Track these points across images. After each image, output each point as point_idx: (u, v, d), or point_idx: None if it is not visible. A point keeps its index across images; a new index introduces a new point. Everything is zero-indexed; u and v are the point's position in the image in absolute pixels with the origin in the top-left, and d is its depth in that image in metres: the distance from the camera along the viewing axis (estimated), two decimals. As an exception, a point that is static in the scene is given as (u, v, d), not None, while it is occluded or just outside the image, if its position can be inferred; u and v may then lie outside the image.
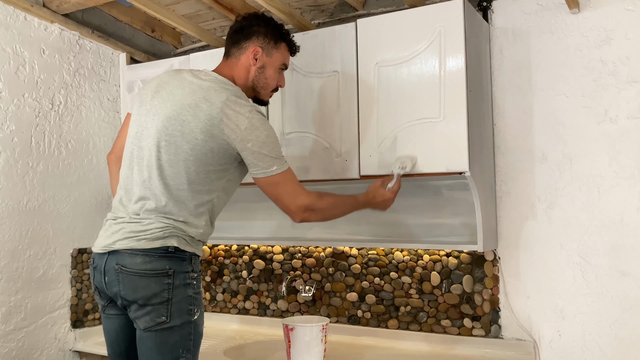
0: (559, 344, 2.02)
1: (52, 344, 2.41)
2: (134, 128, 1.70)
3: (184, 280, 1.59)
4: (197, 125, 1.59)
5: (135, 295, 1.56)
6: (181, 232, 1.60)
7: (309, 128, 2.11)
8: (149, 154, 1.63)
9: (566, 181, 2.01)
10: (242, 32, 1.75)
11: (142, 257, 1.56)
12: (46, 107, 2.40)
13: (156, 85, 1.71)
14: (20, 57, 2.31)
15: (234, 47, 1.76)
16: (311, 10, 2.47)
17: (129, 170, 1.67)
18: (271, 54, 1.77)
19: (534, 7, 2.07)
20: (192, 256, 1.63)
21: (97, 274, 1.65)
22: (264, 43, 1.75)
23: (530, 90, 2.07)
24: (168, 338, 1.56)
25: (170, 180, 1.60)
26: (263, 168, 1.63)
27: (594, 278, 1.97)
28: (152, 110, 1.66)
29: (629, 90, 1.92)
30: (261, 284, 2.61)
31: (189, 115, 1.60)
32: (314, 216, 1.71)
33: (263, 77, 1.77)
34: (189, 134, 1.59)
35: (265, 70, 1.77)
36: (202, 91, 1.63)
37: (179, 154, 1.60)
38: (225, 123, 1.58)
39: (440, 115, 1.86)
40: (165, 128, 1.62)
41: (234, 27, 1.78)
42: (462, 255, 2.17)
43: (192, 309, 1.60)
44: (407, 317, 2.27)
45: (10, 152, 2.26)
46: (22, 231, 2.30)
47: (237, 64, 1.75)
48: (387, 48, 1.96)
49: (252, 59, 1.74)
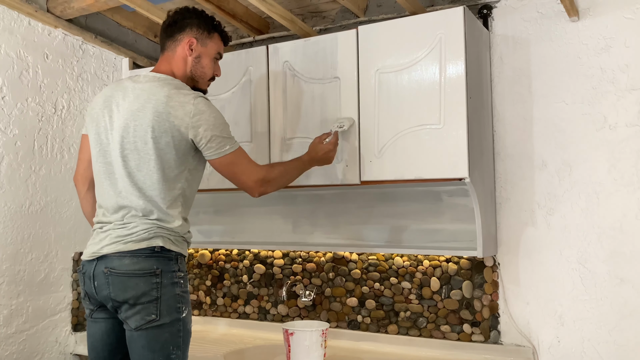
0: (558, 350, 2.02)
1: (52, 347, 2.42)
2: (95, 147, 1.76)
3: (172, 279, 1.65)
4: (149, 124, 1.66)
5: (125, 295, 1.62)
6: (164, 231, 1.68)
7: (310, 133, 2.12)
8: (117, 166, 1.70)
9: (565, 188, 2.02)
10: (176, 25, 1.80)
11: (130, 258, 1.63)
12: (49, 112, 2.42)
13: (102, 102, 1.77)
14: (24, 62, 2.33)
15: (169, 40, 1.81)
16: (313, 16, 2.48)
17: (102, 188, 1.74)
18: (206, 43, 1.82)
19: (534, 14, 2.08)
20: (177, 256, 1.70)
21: (86, 280, 1.70)
22: (197, 34, 1.80)
23: (530, 97, 2.09)
24: (158, 336, 1.62)
25: (142, 183, 1.68)
26: (216, 149, 1.70)
27: (593, 284, 1.98)
28: (107, 126, 1.73)
29: (628, 98, 1.93)
30: (261, 289, 2.62)
31: (139, 119, 1.67)
32: (270, 187, 1.80)
33: (200, 67, 1.81)
34: (145, 135, 1.66)
35: (201, 59, 1.81)
36: (145, 93, 1.70)
37: (142, 157, 1.67)
38: (174, 115, 1.65)
39: (441, 121, 1.87)
40: (123, 138, 1.69)
41: (167, 21, 1.83)
42: (461, 261, 2.18)
43: (181, 307, 1.66)
44: (407, 322, 2.27)
45: (13, 156, 2.28)
46: (24, 234, 2.31)
47: (173, 57, 1.80)
48: (388, 55, 1.98)
49: (188, 50, 1.79)
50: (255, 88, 2.24)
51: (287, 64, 2.18)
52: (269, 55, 2.22)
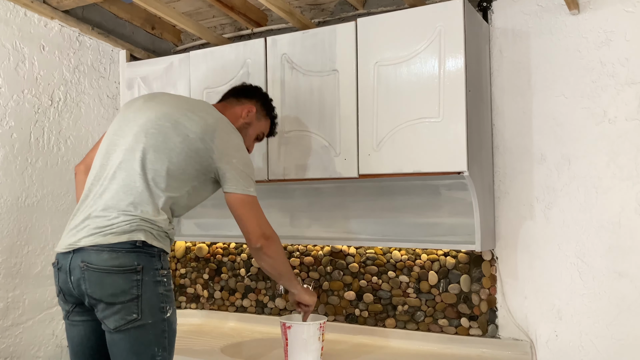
0: (555, 344, 2.02)
1: (49, 340, 2.41)
2: (115, 125, 1.75)
3: (154, 278, 1.57)
4: (192, 126, 1.67)
5: (102, 293, 1.53)
6: (147, 225, 1.59)
7: (308, 126, 2.11)
8: (132, 146, 1.65)
9: (564, 182, 2.02)
10: (247, 91, 1.95)
11: (108, 252, 1.53)
12: (45, 104, 2.40)
13: (146, 96, 1.83)
14: (20, 54, 2.31)
15: (233, 97, 1.93)
16: (311, 9, 2.47)
17: (98, 165, 1.69)
18: (260, 119, 1.93)
19: (534, 7, 2.07)
20: (160, 252, 1.61)
21: (61, 274, 1.60)
22: (258, 108, 1.92)
23: (529, 90, 2.08)
24: (142, 337, 1.54)
25: (150, 178, 1.62)
26: (243, 185, 1.69)
27: (591, 278, 1.97)
28: (140, 111, 1.72)
29: (628, 92, 1.92)
30: (259, 282, 2.61)
31: (186, 117, 1.69)
32: (269, 248, 1.73)
33: (245, 132, 1.88)
34: (183, 130, 1.66)
35: (249, 128, 1.90)
36: (200, 103, 1.79)
37: (167, 143, 1.65)
38: (219, 134, 1.68)
39: (439, 115, 1.86)
40: (158, 119, 1.68)
41: (239, 86, 1.99)
42: (460, 254, 2.17)
43: (165, 307, 1.58)
44: (405, 316, 2.27)
45: (9, 148, 2.26)
46: (21, 227, 2.30)
47: (230, 110, 1.87)
48: (387, 47, 1.96)
49: (245, 113, 1.88)
50: (253, 80, 2.22)
51: (285, 56, 2.17)
52: (267, 47, 2.21)
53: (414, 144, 1.91)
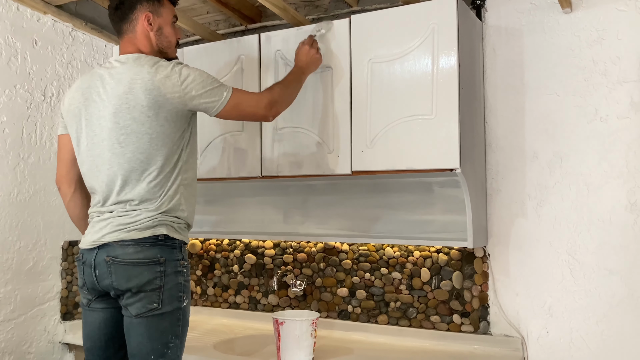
0: (546, 341, 2.04)
1: (41, 336, 2.40)
2: (82, 142, 1.71)
3: (175, 268, 1.65)
4: (142, 103, 1.62)
5: (129, 284, 1.60)
6: (168, 219, 1.66)
7: (302, 123, 2.11)
8: (112, 154, 1.64)
9: (556, 179, 2.03)
10: (124, 5, 1.75)
11: (133, 247, 1.61)
12: (38, 99, 2.39)
13: (81, 95, 1.72)
14: (12, 48, 2.30)
15: (123, 23, 1.75)
16: (305, 5, 2.47)
17: (97, 180, 1.68)
18: (160, 13, 1.77)
19: (527, 6, 2.08)
20: (180, 244, 1.69)
21: (86, 269, 1.68)
22: (149, 6, 1.75)
23: (522, 88, 2.09)
24: (158, 324, 1.61)
25: (142, 168, 1.64)
26: (217, 101, 1.69)
27: (582, 276, 1.99)
28: (92, 117, 1.68)
29: (619, 90, 1.94)
30: (252, 279, 2.62)
31: (130, 100, 1.62)
32: (280, 106, 1.83)
33: (164, 38, 1.78)
34: (140, 116, 1.62)
35: (163, 30, 1.78)
36: (126, 75, 1.65)
37: (141, 138, 1.63)
38: (164, 89, 1.62)
39: (432, 112, 1.87)
40: (116, 123, 1.64)
41: (113, 4, 1.77)
42: (452, 251, 2.18)
43: (182, 296, 1.66)
44: (397, 312, 2.28)
45: (1, 144, 2.25)
46: (12, 223, 2.29)
47: (135, 37, 1.75)
48: (381, 44, 1.97)
49: (148, 26, 1.74)
50: (247, 77, 2.23)
51: (279, 52, 2.17)
52: (261, 44, 2.21)
53: (407, 141, 1.91)
